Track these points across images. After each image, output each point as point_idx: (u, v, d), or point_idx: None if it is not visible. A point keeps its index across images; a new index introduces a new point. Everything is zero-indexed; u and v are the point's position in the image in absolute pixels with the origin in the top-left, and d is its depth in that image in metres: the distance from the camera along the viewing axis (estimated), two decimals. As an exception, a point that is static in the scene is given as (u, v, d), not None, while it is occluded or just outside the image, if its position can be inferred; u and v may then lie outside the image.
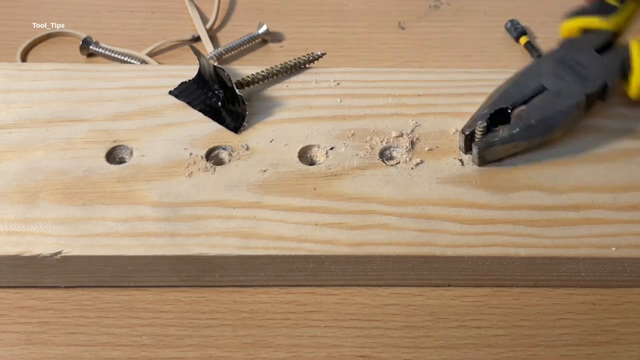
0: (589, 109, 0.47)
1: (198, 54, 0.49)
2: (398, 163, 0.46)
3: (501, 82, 0.47)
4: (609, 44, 0.48)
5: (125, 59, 0.59)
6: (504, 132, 0.45)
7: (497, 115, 0.45)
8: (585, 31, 0.49)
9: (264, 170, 0.45)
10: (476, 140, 0.45)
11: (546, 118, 0.45)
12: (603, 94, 0.47)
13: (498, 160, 0.46)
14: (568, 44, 0.49)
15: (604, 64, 0.47)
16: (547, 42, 0.61)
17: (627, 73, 0.47)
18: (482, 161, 0.45)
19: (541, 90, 0.46)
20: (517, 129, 0.45)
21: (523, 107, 0.45)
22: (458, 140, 0.46)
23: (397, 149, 0.47)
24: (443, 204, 0.44)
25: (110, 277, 0.43)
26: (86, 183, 0.44)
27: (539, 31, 0.62)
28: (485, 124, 0.44)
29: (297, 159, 0.46)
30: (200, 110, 0.49)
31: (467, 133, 0.45)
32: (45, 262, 0.41)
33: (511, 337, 0.42)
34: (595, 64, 0.47)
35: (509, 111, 0.45)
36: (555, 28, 0.50)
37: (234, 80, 0.49)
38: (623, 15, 0.49)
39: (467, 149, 0.46)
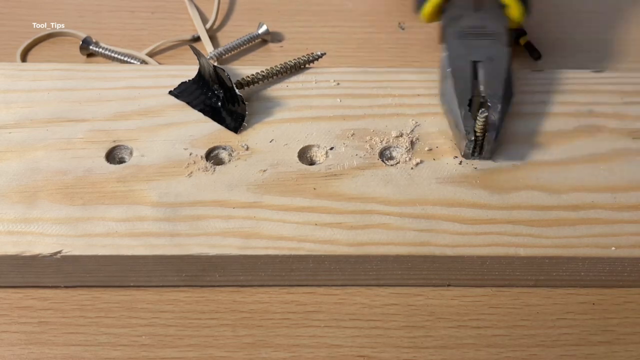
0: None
1: (198, 54, 0.49)
2: (398, 163, 0.46)
3: (438, 87, 0.49)
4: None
5: (125, 59, 0.59)
6: (493, 116, 0.45)
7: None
8: (447, 3, 0.51)
9: (264, 170, 0.45)
10: (486, 135, 0.44)
11: (505, 81, 0.46)
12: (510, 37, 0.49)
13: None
14: (450, 21, 0.50)
15: (492, 16, 0.49)
16: (546, 42, 0.61)
17: (505, 9, 0.50)
18: (493, 152, 0.46)
19: (476, 65, 0.47)
20: (499, 105, 0.45)
21: (480, 88, 0.46)
22: (464, 148, 0.45)
23: (397, 149, 0.47)
24: (443, 204, 0.43)
25: (110, 277, 0.43)
26: (86, 183, 0.44)
27: (539, 31, 0.62)
28: (485, 117, 0.43)
29: (296, 159, 0.46)
30: (200, 110, 0.49)
31: (477, 135, 0.44)
32: (45, 262, 0.41)
33: (511, 337, 0.42)
34: (487, 20, 0.49)
35: (471, 100, 0.46)
36: (556, 28, 0.50)
37: (234, 80, 0.49)
38: None
39: (479, 150, 0.45)
